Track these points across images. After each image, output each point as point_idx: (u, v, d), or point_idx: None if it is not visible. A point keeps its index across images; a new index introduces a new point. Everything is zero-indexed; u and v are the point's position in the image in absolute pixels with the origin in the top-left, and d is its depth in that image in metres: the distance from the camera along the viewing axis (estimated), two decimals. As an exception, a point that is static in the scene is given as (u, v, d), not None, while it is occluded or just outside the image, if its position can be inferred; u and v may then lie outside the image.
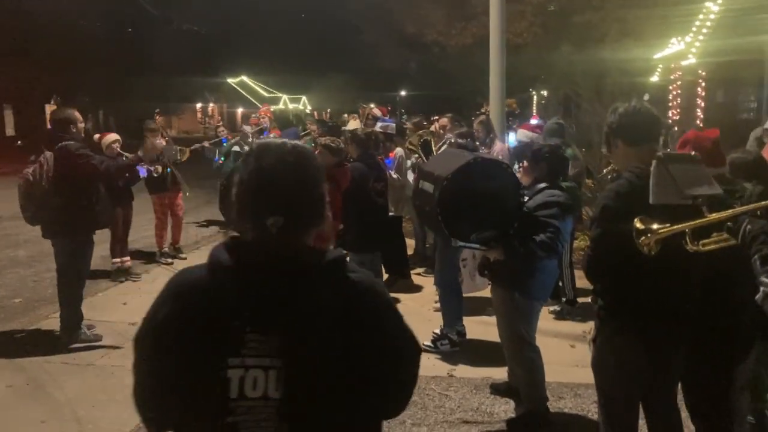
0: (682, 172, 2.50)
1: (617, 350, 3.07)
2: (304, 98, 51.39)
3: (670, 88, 20.87)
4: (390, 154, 7.51)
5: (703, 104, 19.04)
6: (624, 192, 2.92)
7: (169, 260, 9.30)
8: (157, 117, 13.15)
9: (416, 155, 6.45)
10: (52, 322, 6.77)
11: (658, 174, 2.56)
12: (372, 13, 20.65)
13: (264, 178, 1.68)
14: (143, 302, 6.60)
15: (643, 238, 2.53)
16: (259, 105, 52.97)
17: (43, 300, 7.63)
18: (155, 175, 8.44)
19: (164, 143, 8.86)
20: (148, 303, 6.54)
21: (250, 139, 9.50)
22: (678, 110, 20.37)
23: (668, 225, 2.48)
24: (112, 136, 8.02)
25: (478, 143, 6.64)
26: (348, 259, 1.78)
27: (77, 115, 6.25)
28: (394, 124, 7.89)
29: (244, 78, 52.39)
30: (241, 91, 52.47)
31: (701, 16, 13.58)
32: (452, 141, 5.96)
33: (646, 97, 11.88)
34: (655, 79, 20.03)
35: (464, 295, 5.95)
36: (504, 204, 4.26)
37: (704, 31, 14.41)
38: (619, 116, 3.06)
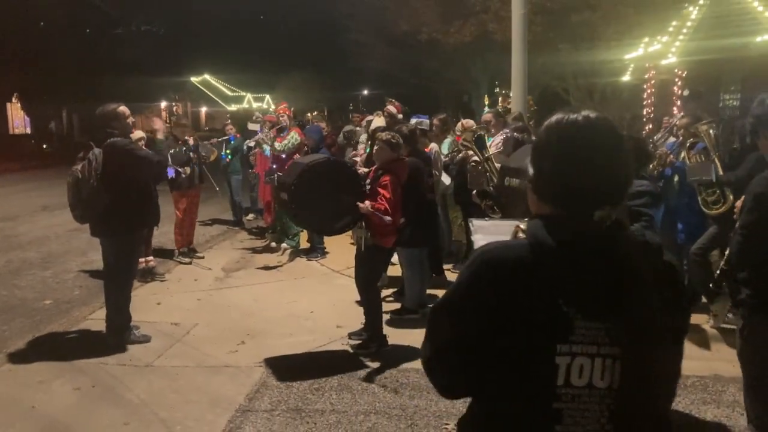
0: None
1: None
2: (267, 97, 50.95)
3: (645, 87, 21.31)
4: (425, 150, 7.49)
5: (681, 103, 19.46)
6: None
7: (188, 260, 9.14)
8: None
9: (470, 151, 6.43)
10: (91, 323, 6.62)
11: None
12: (357, 11, 20.57)
13: (583, 165, 1.61)
14: (176, 302, 6.63)
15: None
16: (222, 104, 52.34)
17: (73, 301, 7.43)
18: (183, 176, 8.26)
19: (192, 141, 8.72)
20: (181, 303, 6.57)
21: (271, 136, 9.33)
22: (652, 108, 20.80)
23: None
24: (137, 134, 7.79)
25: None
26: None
27: (124, 109, 6.09)
28: (428, 120, 7.87)
29: (207, 77, 51.76)
30: (204, 89, 51.77)
31: (678, 18, 13.92)
32: (509, 136, 5.98)
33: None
34: (626, 78, 20.45)
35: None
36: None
37: (684, 31, 14.74)
38: (766, 108, 3.11)
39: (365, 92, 57.97)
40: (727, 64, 16.25)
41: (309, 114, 21.17)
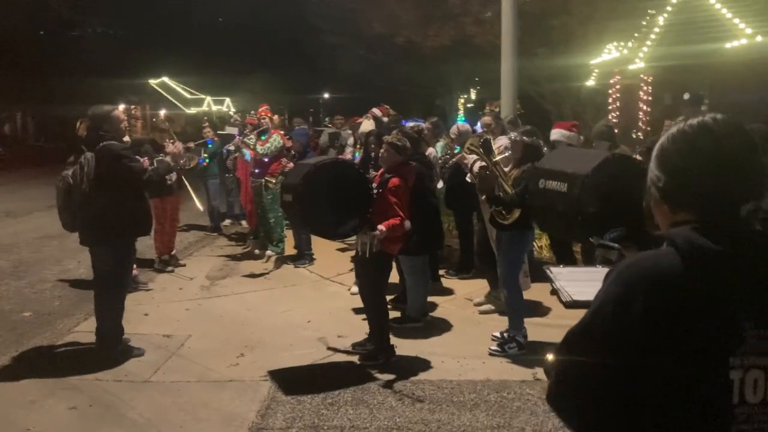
0: None
1: None
2: (228, 100, 50.28)
3: (610, 92, 21.56)
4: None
5: (648, 108, 19.72)
6: None
7: (170, 268, 8.80)
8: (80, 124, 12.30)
9: (472, 156, 6.28)
10: (78, 335, 6.30)
11: None
12: (328, 13, 20.31)
13: (735, 162, 1.50)
14: (164, 312, 6.38)
15: None
16: (182, 107, 51.52)
17: (54, 313, 7.05)
18: (169, 182, 7.92)
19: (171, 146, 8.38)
20: (170, 313, 6.32)
21: (252, 140, 9.06)
22: (617, 113, 21.04)
23: None
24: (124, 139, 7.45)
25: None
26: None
27: (118, 113, 5.82)
28: (423, 124, 7.71)
29: (165, 79, 50.82)
30: (162, 92, 50.80)
31: (644, 22, 14.08)
32: (518, 139, 5.83)
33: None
34: (591, 83, 20.67)
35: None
36: (637, 200, 4.18)
37: (652, 36, 14.91)
38: None
39: (326, 95, 57.64)
40: (695, 70, 16.52)
41: (275, 117, 20.75)
